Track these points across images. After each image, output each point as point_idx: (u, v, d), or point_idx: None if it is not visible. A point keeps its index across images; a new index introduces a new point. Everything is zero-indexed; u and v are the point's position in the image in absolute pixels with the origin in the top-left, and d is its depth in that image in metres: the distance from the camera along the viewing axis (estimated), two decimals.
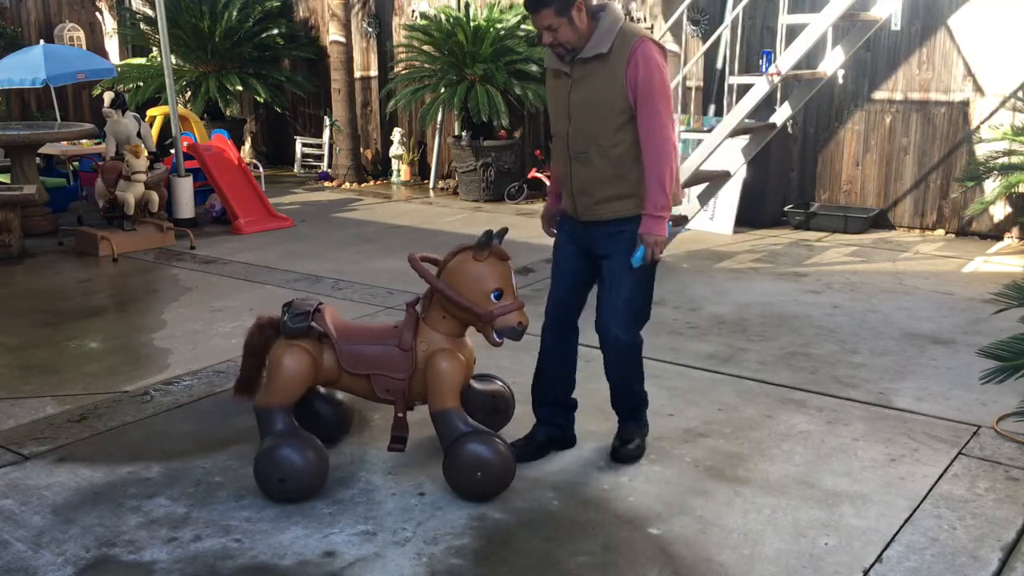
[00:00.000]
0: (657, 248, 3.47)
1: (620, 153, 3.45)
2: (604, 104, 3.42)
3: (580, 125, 3.50)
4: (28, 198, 7.42)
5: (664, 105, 3.39)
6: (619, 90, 3.38)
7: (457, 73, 9.66)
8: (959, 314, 5.76)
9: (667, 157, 3.40)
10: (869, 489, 3.52)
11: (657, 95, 3.37)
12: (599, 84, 3.42)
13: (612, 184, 3.48)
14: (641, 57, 3.35)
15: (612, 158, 3.45)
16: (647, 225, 3.44)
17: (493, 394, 3.93)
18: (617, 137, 3.44)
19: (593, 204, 3.54)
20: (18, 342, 5.35)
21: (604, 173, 3.48)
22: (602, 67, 3.41)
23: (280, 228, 8.45)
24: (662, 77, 3.38)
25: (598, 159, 3.47)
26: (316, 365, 3.51)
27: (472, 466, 3.35)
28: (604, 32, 3.39)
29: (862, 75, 8.21)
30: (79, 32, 12.31)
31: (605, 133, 3.44)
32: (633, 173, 3.46)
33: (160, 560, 3.06)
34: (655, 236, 3.45)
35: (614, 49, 3.38)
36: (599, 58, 3.40)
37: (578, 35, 3.40)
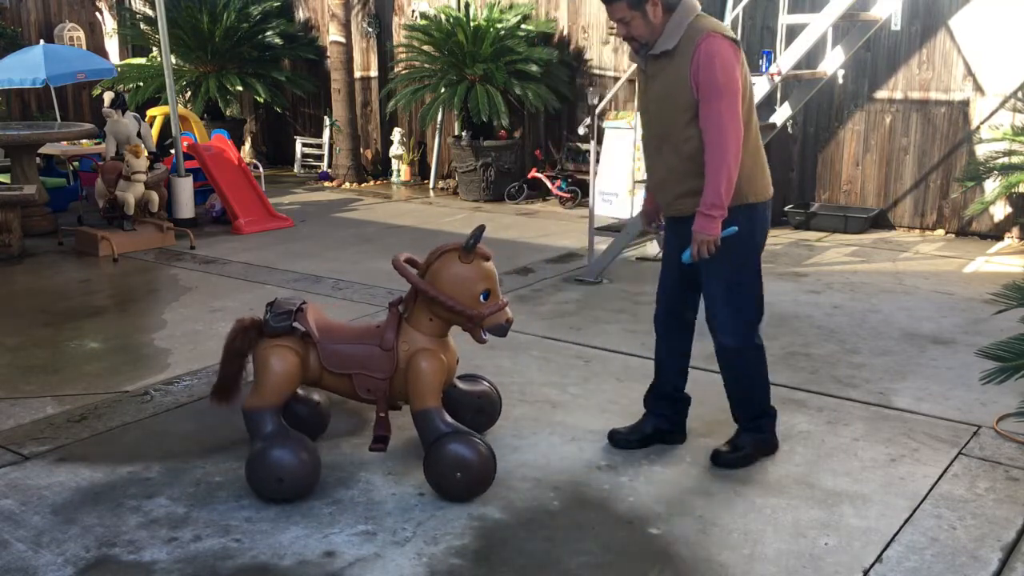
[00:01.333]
0: (704, 247, 3.40)
1: (692, 149, 3.40)
2: (672, 100, 3.41)
3: (656, 121, 3.51)
4: (28, 198, 7.42)
5: (725, 102, 3.30)
6: (685, 86, 3.34)
7: (457, 73, 9.66)
8: (959, 314, 5.76)
9: (722, 156, 3.32)
10: (869, 489, 3.51)
11: (717, 92, 3.29)
12: (667, 81, 3.41)
13: (686, 180, 3.45)
14: (705, 52, 3.29)
15: (684, 154, 3.43)
16: (699, 223, 3.39)
17: (479, 394, 3.93)
18: (687, 133, 3.40)
19: (672, 200, 3.56)
20: (18, 342, 5.35)
21: (677, 169, 3.47)
22: (670, 64, 3.39)
23: (280, 228, 8.45)
24: (725, 73, 3.30)
25: (670, 155, 3.47)
26: (303, 365, 3.51)
27: (452, 466, 3.36)
28: (673, 28, 3.36)
29: (862, 75, 8.21)
30: (79, 32, 12.31)
31: (675, 129, 3.43)
32: None
33: (160, 560, 3.06)
34: (703, 235, 3.39)
35: (681, 45, 3.34)
36: (666, 55, 3.39)
37: (651, 29, 3.38)
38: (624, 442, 3.85)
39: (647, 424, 3.88)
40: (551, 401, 4.38)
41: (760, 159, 3.55)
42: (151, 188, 7.68)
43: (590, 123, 6.83)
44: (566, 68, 9.81)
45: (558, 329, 5.48)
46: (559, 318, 5.71)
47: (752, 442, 3.72)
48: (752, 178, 3.49)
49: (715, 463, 3.69)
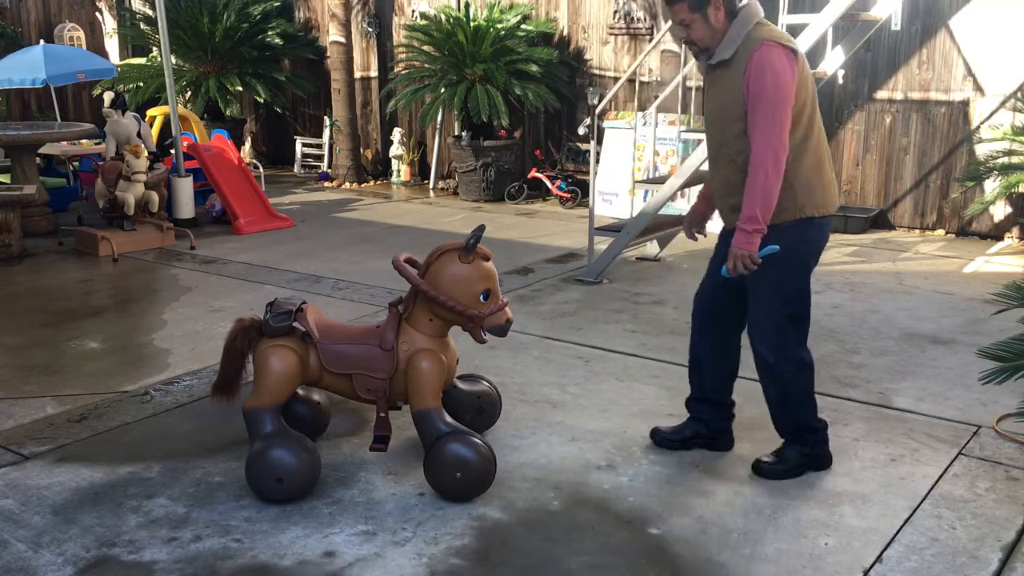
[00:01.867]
0: (740, 262, 3.32)
1: (744, 161, 3.32)
2: (727, 110, 3.36)
3: (713, 131, 3.49)
4: (28, 198, 7.42)
5: (770, 115, 3.21)
6: (738, 96, 3.29)
7: (457, 73, 9.66)
8: (959, 314, 5.76)
9: (762, 171, 3.23)
10: (869, 489, 3.51)
11: (763, 104, 3.21)
12: (723, 90, 3.37)
13: (737, 192, 3.37)
14: (756, 62, 3.21)
15: (738, 165, 3.36)
16: (736, 237, 3.33)
17: (479, 394, 3.93)
18: (740, 144, 3.34)
19: (727, 210, 3.51)
20: (18, 342, 5.35)
21: (730, 180, 3.42)
22: (726, 73, 3.35)
23: (280, 228, 8.45)
24: (772, 83, 3.20)
25: (726, 166, 3.44)
26: (303, 365, 3.51)
27: (452, 466, 3.36)
28: (732, 36, 3.30)
29: (862, 75, 8.21)
30: (79, 32, 12.31)
31: (729, 140, 3.39)
32: None
33: (160, 560, 3.06)
34: (740, 250, 3.31)
35: (737, 54, 3.29)
36: (723, 64, 3.35)
37: (712, 33, 3.32)
38: (665, 441, 3.83)
39: (687, 427, 3.83)
40: (551, 401, 4.38)
41: (823, 170, 3.42)
42: (151, 188, 7.68)
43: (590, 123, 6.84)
44: (566, 68, 9.81)
45: (558, 329, 5.48)
46: (559, 318, 5.71)
47: (795, 455, 3.60)
48: (811, 189, 3.37)
49: (754, 470, 3.61)
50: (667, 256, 7.29)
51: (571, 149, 9.94)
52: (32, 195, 7.44)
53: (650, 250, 7.28)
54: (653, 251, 7.26)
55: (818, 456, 3.65)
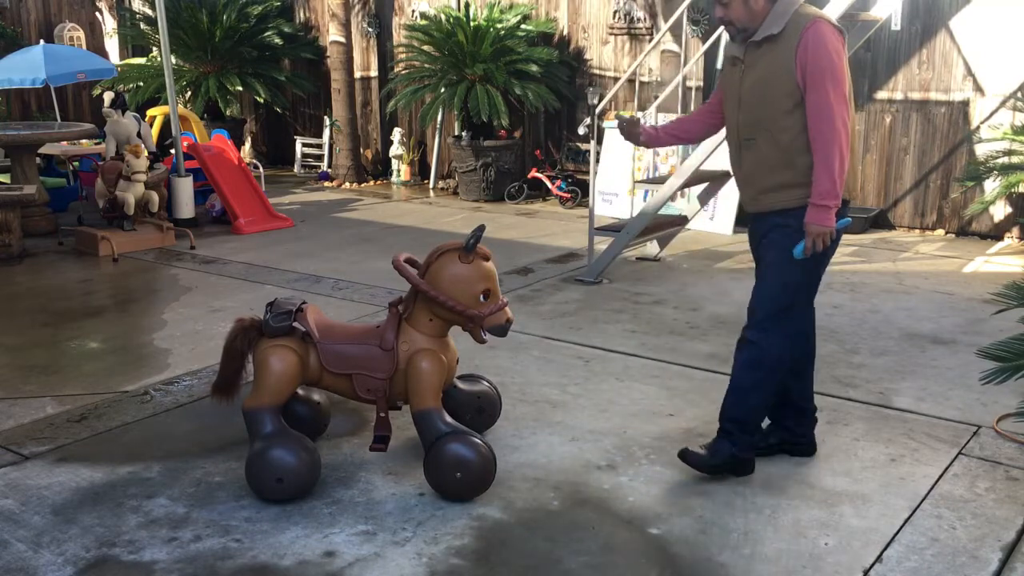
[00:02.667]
0: (820, 240, 3.29)
1: (789, 139, 3.32)
2: (773, 87, 3.31)
3: (749, 110, 3.40)
4: (28, 198, 7.42)
5: (836, 89, 3.24)
6: (788, 72, 3.26)
7: (457, 73, 9.66)
8: (959, 314, 5.76)
9: (836, 143, 3.23)
10: (869, 489, 3.51)
11: (827, 78, 3.22)
12: (769, 66, 3.32)
13: (778, 172, 3.36)
14: (812, 37, 3.22)
15: (781, 144, 3.33)
16: (812, 215, 3.27)
17: (479, 394, 3.93)
18: (786, 122, 3.31)
19: (757, 194, 3.44)
20: (18, 342, 5.35)
21: (771, 160, 3.36)
22: (773, 49, 3.30)
23: (280, 228, 8.45)
24: (833, 58, 3.23)
25: (765, 145, 3.37)
26: (303, 365, 3.51)
27: (452, 466, 3.36)
28: (779, 13, 3.29)
29: (862, 75, 8.21)
30: (79, 32, 12.31)
31: (773, 117, 3.33)
32: (802, 161, 3.32)
33: (160, 560, 3.06)
34: (819, 227, 3.27)
35: (786, 30, 3.27)
36: (770, 40, 3.30)
37: (751, 15, 3.31)
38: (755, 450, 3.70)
39: (772, 434, 3.76)
40: (551, 401, 4.38)
41: (854, 154, 3.43)
42: (151, 188, 7.68)
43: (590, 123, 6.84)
44: (566, 68, 9.81)
45: (558, 329, 5.48)
46: (559, 318, 5.71)
47: (724, 451, 3.55)
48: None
49: (682, 457, 3.58)
50: (667, 256, 7.29)
51: (571, 149, 9.94)
52: (32, 195, 7.44)
53: (650, 250, 7.28)
54: (653, 251, 7.26)
55: (743, 462, 3.59)
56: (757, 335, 3.49)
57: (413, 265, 3.62)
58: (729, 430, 3.57)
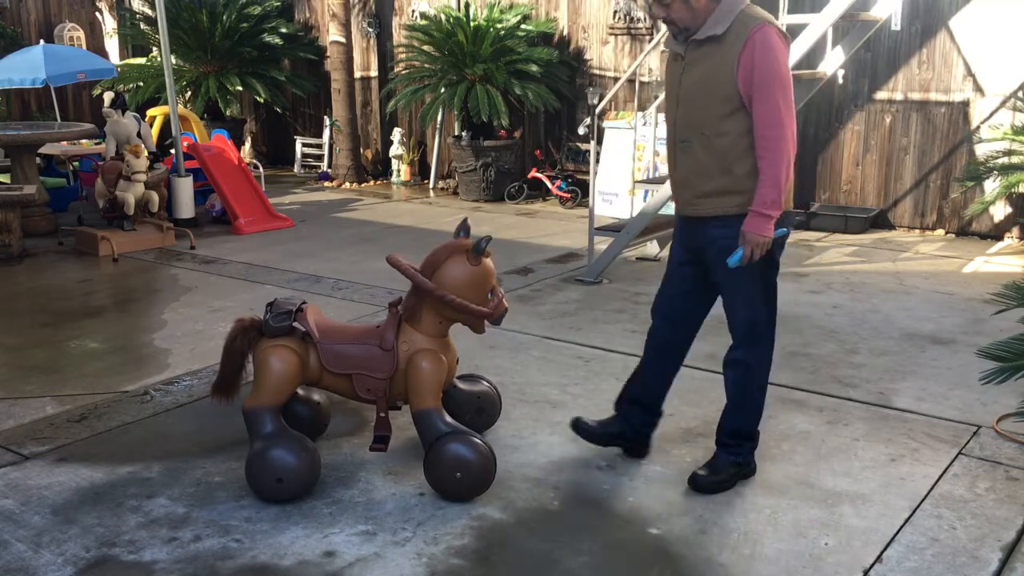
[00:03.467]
0: (759, 250, 3.23)
1: (726, 145, 3.24)
2: (712, 89, 3.23)
3: (687, 110, 3.31)
4: (28, 198, 7.42)
5: (785, 97, 3.17)
6: (730, 75, 3.18)
7: (457, 73, 9.66)
8: (959, 314, 5.76)
9: (785, 153, 3.17)
10: (869, 489, 3.51)
11: (776, 86, 3.15)
12: (710, 67, 3.23)
13: (714, 177, 3.28)
14: (759, 41, 3.14)
15: (717, 149, 3.25)
16: (751, 223, 3.21)
17: (479, 394, 3.93)
18: (724, 126, 3.23)
19: (694, 198, 3.36)
20: (18, 342, 5.35)
21: (706, 164, 3.29)
22: (716, 50, 3.21)
23: (280, 228, 8.45)
24: (781, 65, 3.17)
25: (701, 149, 3.29)
26: (303, 365, 3.51)
27: (452, 466, 3.36)
28: (723, 13, 3.20)
29: (862, 75, 8.21)
30: (79, 32, 12.31)
31: (711, 120, 3.25)
32: (740, 168, 3.25)
33: (160, 560, 3.06)
34: (757, 235, 3.20)
35: (731, 31, 3.18)
36: (713, 40, 3.21)
37: (692, 14, 3.22)
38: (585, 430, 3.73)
39: (614, 424, 3.76)
40: (551, 401, 4.38)
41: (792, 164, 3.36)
42: (151, 188, 7.68)
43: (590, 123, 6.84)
44: (566, 68, 9.81)
45: (558, 329, 5.48)
46: (559, 318, 5.71)
47: (730, 465, 3.54)
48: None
49: (692, 485, 3.51)
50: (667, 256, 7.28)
51: (571, 149, 9.94)
52: (32, 195, 7.44)
53: (650, 250, 7.28)
54: (653, 251, 7.26)
55: (748, 465, 3.60)
56: (742, 354, 3.48)
57: None
58: (727, 443, 3.57)
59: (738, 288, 3.40)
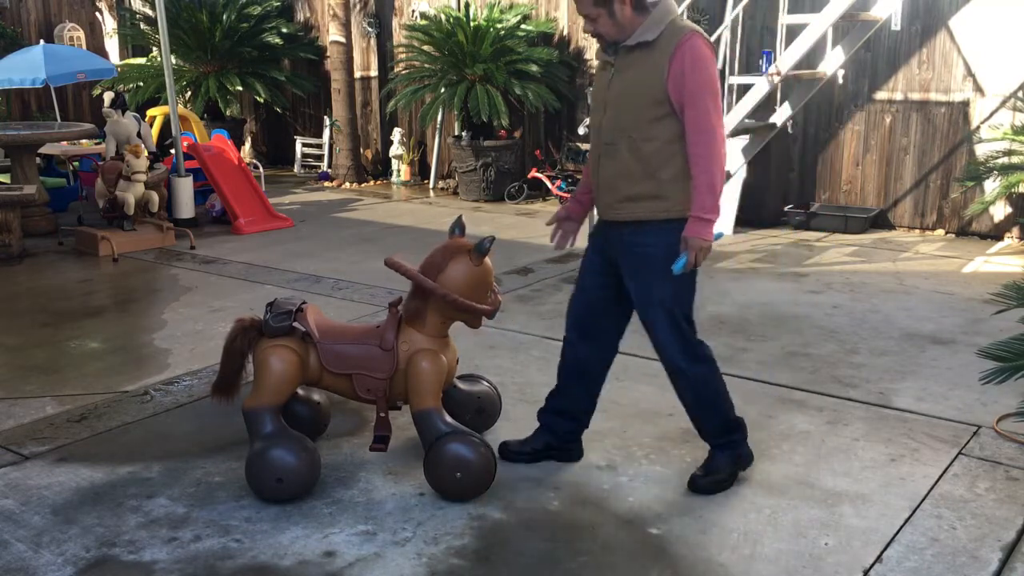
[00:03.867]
0: (702, 254, 3.26)
1: (652, 149, 3.27)
2: (642, 94, 3.26)
3: (615, 115, 3.33)
4: (28, 198, 7.42)
5: (715, 104, 3.22)
6: (659, 81, 3.21)
7: (457, 73, 9.66)
8: (959, 314, 5.76)
9: (718, 158, 3.22)
10: (869, 489, 3.51)
11: (707, 93, 3.20)
12: (640, 73, 3.26)
13: (638, 182, 3.30)
14: (689, 51, 3.18)
15: (643, 153, 3.28)
16: (693, 228, 3.23)
17: (479, 394, 3.93)
18: (651, 131, 3.26)
19: (615, 202, 3.37)
20: (18, 342, 5.35)
21: (632, 168, 3.30)
22: (646, 56, 3.25)
23: (280, 228, 8.45)
24: (710, 74, 3.21)
25: (627, 153, 3.30)
26: (303, 365, 3.51)
27: (452, 466, 3.36)
28: (655, 21, 3.24)
29: (862, 75, 8.21)
30: (79, 32, 12.31)
31: (638, 125, 3.28)
32: (664, 173, 3.27)
33: (160, 560, 3.06)
34: (699, 240, 3.23)
35: (661, 39, 3.22)
36: (643, 46, 3.25)
37: (619, 28, 3.26)
38: (513, 455, 3.72)
39: (538, 439, 3.75)
40: None
41: None
42: (151, 188, 7.68)
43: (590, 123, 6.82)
44: (566, 68, 9.81)
45: (558, 329, 5.44)
46: (559, 318, 5.69)
47: (728, 462, 3.56)
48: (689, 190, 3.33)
49: (691, 489, 3.51)
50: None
51: (571, 149, 9.94)
52: (32, 195, 7.44)
53: None
54: None
55: (744, 455, 3.61)
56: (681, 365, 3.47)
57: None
58: (718, 443, 3.57)
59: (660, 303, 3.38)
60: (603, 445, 3.89)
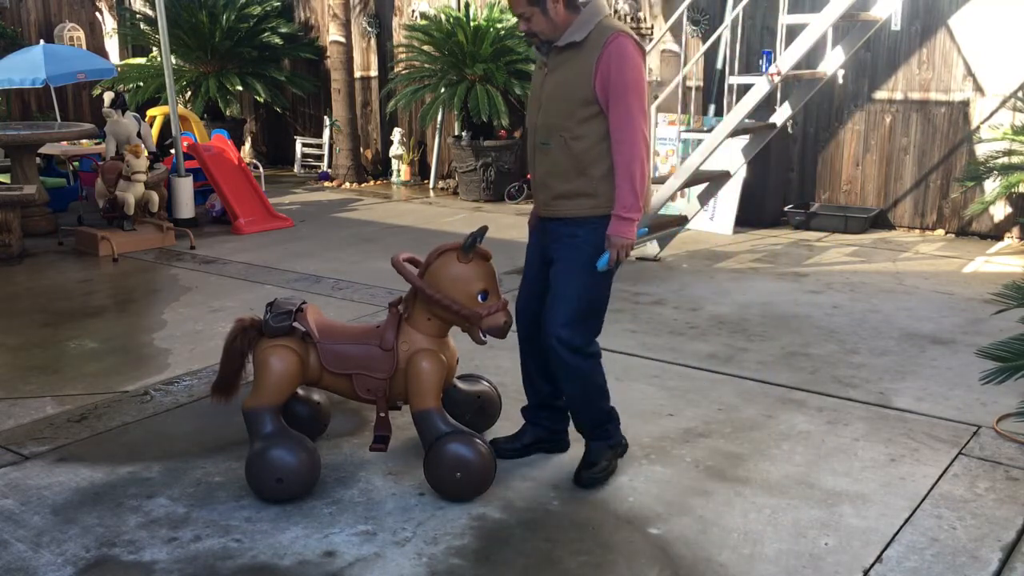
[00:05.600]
0: (623, 251, 3.34)
1: (583, 148, 3.32)
2: (571, 93, 3.31)
3: (547, 113, 3.38)
4: (28, 198, 7.42)
5: (637, 102, 3.26)
6: (587, 80, 3.26)
7: (457, 73, 9.66)
8: (959, 314, 5.76)
9: (638, 155, 3.27)
10: (869, 489, 3.51)
11: (630, 91, 3.24)
12: (569, 72, 3.32)
13: (571, 180, 3.36)
14: (615, 50, 3.23)
15: (574, 151, 3.33)
16: (615, 226, 3.31)
17: (479, 394, 3.93)
18: (581, 130, 3.31)
19: (551, 199, 3.43)
20: (18, 342, 5.35)
21: (564, 166, 3.36)
22: (575, 56, 3.31)
23: (280, 228, 8.45)
24: (636, 73, 3.26)
25: (559, 150, 3.35)
26: (303, 365, 3.51)
27: (452, 466, 3.36)
28: (582, 22, 3.30)
29: (862, 75, 8.21)
30: (79, 32, 12.31)
31: (569, 124, 3.32)
32: (595, 171, 3.33)
33: (160, 560, 3.06)
34: (622, 238, 3.31)
35: (589, 39, 3.28)
36: (572, 47, 3.32)
37: (552, 26, 3.32)
38: (504, 452, 3.74)
39: (526, 434, 3.82)
40: None
41: None
42: (151, 188, 7.68)
43: None
44: None
45: None
46: None
47: (607, 450, 3.62)
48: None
49: (577, 484, 3.55)
50: (667, 256, 7.29)
51: None
52: (32, 195, 7.45)
53: (650, 250, 7.28)
54: (653, 251, 7.26)
55: (619, 444, 3.69)
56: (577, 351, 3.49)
57: (414, 265, 3.62)
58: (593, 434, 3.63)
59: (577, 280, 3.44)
60: None
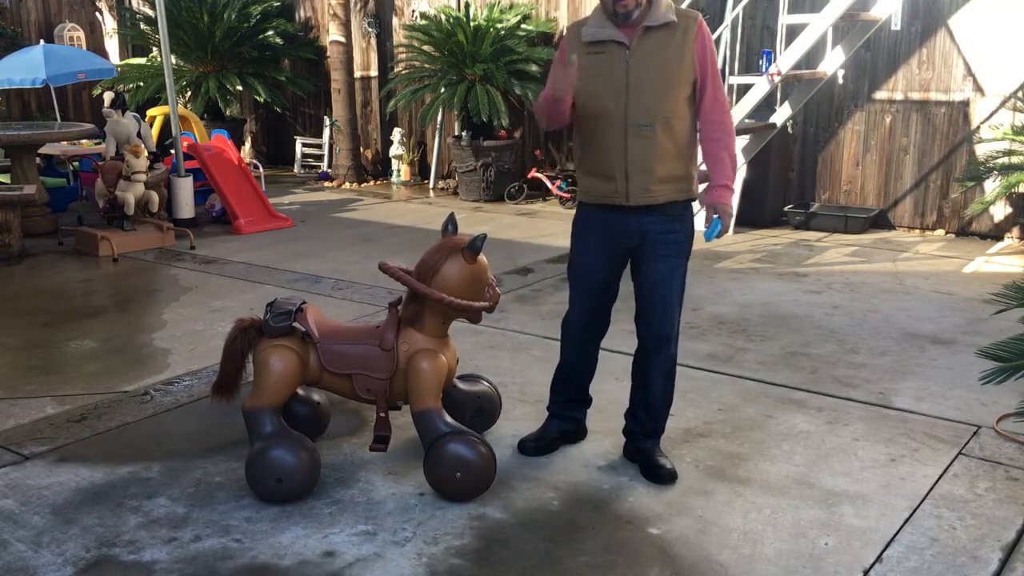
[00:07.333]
0: (727, 217, 3.44)
1: (682, 129, 3.39)
2: (674, 75, 3.35)
3: (643, 96, 3.33)
4: (28, 198, 7.42)
5: (720, 81, 3.48)
6: (689, 62, 3.35)
7: (457, 73, 9.66)
8: (959, 314, 5.76)
9: (731, 130, 3.46)
10: (869, 489, 3.51)
11: (717, 72, 3.45)
12: (669, 54, 3.34)
13: (673, 162, 3.38)
14: (707, 33, 3.40)
15: (676, 133, 3.37)
16: (720, 195, 3.41)
17: (479, 394, 3.93)
18: (682, 111, 3.38)
19: (651, 183, 3.37)
20: (18, 342, 5.35)
21: (667, 148, 3.36)
22: (668, 37, 3.34)
23: (280, 228, 8.45)
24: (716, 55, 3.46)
25: (663, 133, 3.34)
26: (303, 365, 3.52)
27: (452, 466, 3.36)
28: (663, 3, 3.37)
29: (862, 75, 8.21)
30: (79, 32, 12.31)
31: (675, 107, 3.35)
32: (690, 152, 3.44)
33: (160, 560, 3.06)
34: (727, 205, 3.42)
35: (680, 21, 3.36)
36: (668, 27, 3.35)
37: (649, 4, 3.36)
38: (534, 450, 3.79)
39: (552, 427, 3.86)
40: None
41: None
42: (151, 188, 7.68)
43: None
44: None
45: (558, 329, 5.46)
46: (559, 318, 5.68)
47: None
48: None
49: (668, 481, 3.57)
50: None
51: (571, 149, 9.94)
52: (32, 195, 7.44)
53: None
54: None
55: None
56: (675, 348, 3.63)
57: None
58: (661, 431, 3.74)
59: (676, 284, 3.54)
60: (603, 445, 3.89)
